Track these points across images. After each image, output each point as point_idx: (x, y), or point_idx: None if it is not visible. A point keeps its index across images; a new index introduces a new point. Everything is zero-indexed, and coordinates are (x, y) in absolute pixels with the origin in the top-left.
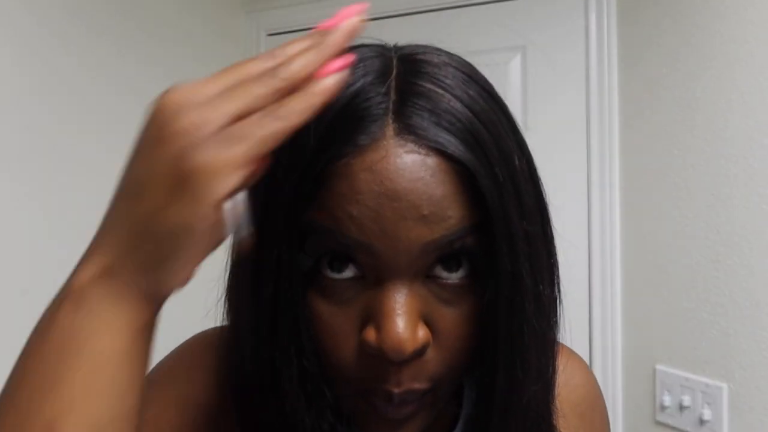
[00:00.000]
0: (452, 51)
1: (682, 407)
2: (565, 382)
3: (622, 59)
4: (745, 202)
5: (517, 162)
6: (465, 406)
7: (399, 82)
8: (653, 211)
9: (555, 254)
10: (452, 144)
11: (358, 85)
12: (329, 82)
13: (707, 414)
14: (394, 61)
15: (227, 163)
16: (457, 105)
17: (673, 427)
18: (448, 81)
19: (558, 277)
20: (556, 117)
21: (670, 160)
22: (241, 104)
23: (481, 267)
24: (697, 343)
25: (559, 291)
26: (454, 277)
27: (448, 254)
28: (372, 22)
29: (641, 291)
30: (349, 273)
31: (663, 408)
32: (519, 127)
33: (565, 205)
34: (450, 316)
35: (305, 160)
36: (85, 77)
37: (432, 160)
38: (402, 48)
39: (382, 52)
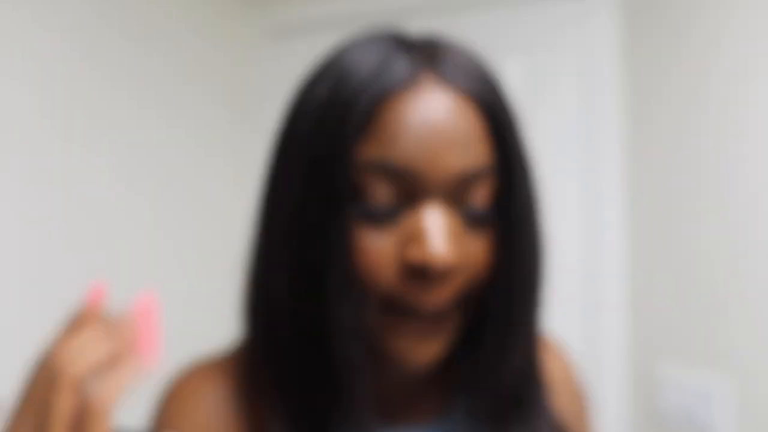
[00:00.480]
0: None
1: (682, 407)
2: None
3: (622, 60)
4: (745, 201)
5: (517, 114)
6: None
7: (426, 43)
8: (657, 209)
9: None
10: (479, 90)
11: (388, 45)
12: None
13: (707, 414)
14: (418, 35)
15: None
16: (476, 63)
17: (673, 428)
18: (462, 48)
19: (543, 223)
20: (556, 117)
21: (671, 159)
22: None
23: (499, 206)
24: (697, 342)
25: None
26: (478, 208)
27: (472, 193)
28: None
29: (641, 290)
30: (390, 200)
31: (663, 408)
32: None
33: (565, 205)
34: (472, 243)
35: (354, 100)
36: (84, 77)
37: (463, 101)
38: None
39: (399, 31)
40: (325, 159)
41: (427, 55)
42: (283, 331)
